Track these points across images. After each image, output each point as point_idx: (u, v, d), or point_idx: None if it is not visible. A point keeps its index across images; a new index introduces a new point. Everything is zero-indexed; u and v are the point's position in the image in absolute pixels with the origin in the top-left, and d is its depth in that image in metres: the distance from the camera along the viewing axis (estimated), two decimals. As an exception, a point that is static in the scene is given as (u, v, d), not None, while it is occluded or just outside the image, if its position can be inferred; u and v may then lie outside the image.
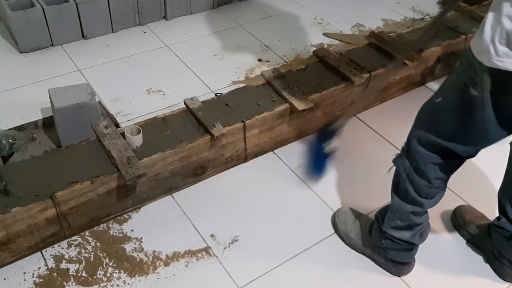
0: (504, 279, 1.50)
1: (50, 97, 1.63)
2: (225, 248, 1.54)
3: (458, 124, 1.15)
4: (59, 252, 1.48)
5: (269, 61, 2.35)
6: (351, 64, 1.99)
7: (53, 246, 1.50)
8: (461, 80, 1.09)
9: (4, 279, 1.41)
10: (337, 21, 2.70)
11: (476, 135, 1.15)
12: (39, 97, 1.96)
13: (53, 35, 2.30)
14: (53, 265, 1.45)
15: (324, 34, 2.58)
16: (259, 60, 2.36)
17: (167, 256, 1.50)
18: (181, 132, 1.63)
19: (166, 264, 1.48)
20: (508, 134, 1.16)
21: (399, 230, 1.38)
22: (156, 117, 1.69)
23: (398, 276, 1.49)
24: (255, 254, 1.52)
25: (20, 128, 1.72)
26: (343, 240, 1.57)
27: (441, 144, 1.21)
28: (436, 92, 1.23)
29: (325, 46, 2.47)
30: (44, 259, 1.46)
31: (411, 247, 1.43)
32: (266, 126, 1.77)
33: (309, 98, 1.79)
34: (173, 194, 1.69)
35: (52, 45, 2.33)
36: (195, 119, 1.68)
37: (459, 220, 1.63)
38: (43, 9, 2.21)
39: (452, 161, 1.27)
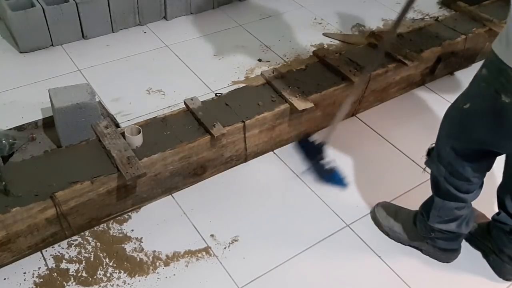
0: (503, 277, 1.50)
1: (50, 97, 1.63)
2: (225, 248, 1.54)
3: (490, 129, 1.16)
4: (59, 252, 1.49)
5: (269, 61, 2.35)
6: (351, 64, 1.99)
7: (53, 246, 1.50)
8: (492, 88, 1.09)
9: (4, 279, 1.41)
10: (337, 21, 2.70)
11: (509, 138, 1.16)
12: (39, 97, 1.96)
13: (53, 35, 2.30)
14: (53, 265, 1.45)
15: (324, 34, 2.58)
16: (259, 60, 2.36)
17: (167, 256, 1.50)
18: (181, 132, 1.63)
19: (166, 264, 1.48)
20: None
21: (445, 223, 1.42)
22: (156, 117, 1.69)
23: (447, 262, 1.53)
24: (255, 254, 1.53)
25: (20, 128, 1.72)
26: (387, 234, 1.58)
27: (476, 148, 1.24)
28: (462, 98, 1.23)
29: (325, 46, 2.47)
30: (44, 259, 1.46)
31: (458, 235, 1.46)
32: (266, 126, 1.77)
33: (309, 98, 1.79)
34: (173, 194, 1.69)
35: (52, 45, 2.33)
36: (195, 119, 1.68)
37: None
38: (43, 9, 2.21)
39: (489, 159, 1.30)
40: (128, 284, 1.42)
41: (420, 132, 2.05)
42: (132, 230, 1.56)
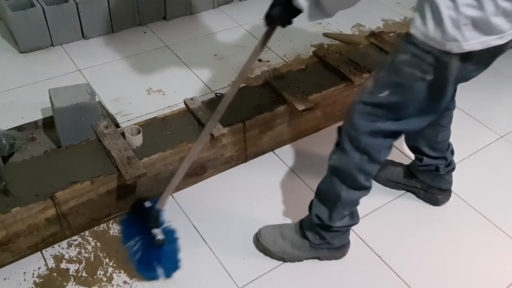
0: (438, 205, 1.70)
1: (50, 97, 1.63)
2: (225, 248, 1.53)
3: (419, 109, 1.19)
4: (59, 252, 1.49)
5: (269, 61, 2.35)
6: (351, 64, 1.99)
7: (53, 246, 1.50)
8: (416, 70, 1.11)
9: (4, 279, 1.41)
10: (337, 21, 2.70)
11: (436, 112, 1.22)
12: (39, 97, 1.96)
13: (53, 35, 2.30)
14: (53, 265, 1.45)
15: (324, 34, 2.58)
16: (259, 60, 2.36)
17: (167, 256, 1.50)
18: (181, 132, 1.63)
19: (166, 264, 1.48)
20: None
21: (343, 219, 1.41)
22: (156, 117, 1.69)
23: (342, 258, 1.53)
24: (255, 254, 1.52)
25: (20, 128, 1.72)
26: (283, 259, 1.49)
27: (396, 129, 1.26)
28: (375, 88, 1.21)
29: (325, 46, 2.47)
30: (44, 259, 1.46)
31: (350, 227, 1.48)
32: (266, 126, 1.77)
33: (309, 98, 1.79)
34: (173, 194, 1.69)
35: (52, 45, 2.33)
36: (195, 119, 1.68)
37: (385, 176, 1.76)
38: (43, 9, 2.21)
39: (399, 137, 1.33)
40: (128, 284, 1.42)
41: (420, 132, 2.05)
42: (132, 230, 1.56)
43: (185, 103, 1.73)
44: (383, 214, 1.69)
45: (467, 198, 1.76)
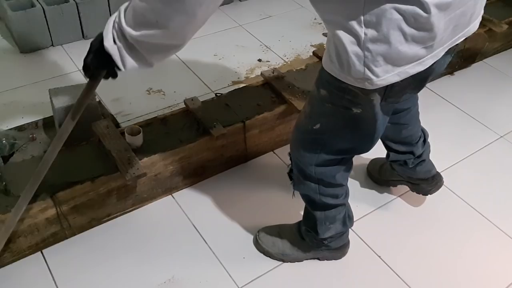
0: (427, 194, 1.67)
1: (50, 97, 1.63)
2: (225, 248, 1.54)
3: (350, 138, 1.18)
4: (59, 252, 1.48)
5: (269, 61, 2.35)
6: (351, 64, 1.99)
7: (53, 246, 1.50)
8: (339, 106, 1.09)
9: (4, 279, 1.41)
10: (337, 21, 2.70)
11: (379, 133, 1.19)
12: (39, 97, 1.96)
13: (53, 35, 2.30)
14: (54, 265, 1.45)
15: (324, 34, 2.59)
16: (259, 60, 2.36)
17: (167, 256, 1.50)
18: (181, 132, 1.63)
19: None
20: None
21: (333, 228, 1.40)
22: (156, 117, 1.69)
23: (342, 257, 1.53)
24: (255, 254, 1.53)
25: (20, 128, 1.72)
26: (282, 260, 1.50)
27: (342, 156, 1.25)
28: (307, 120, 1.20)
29: (325, 46, 2.47)
30: (44, 259, 1.46)
31: (346, 230, 1.48)
32: (266, 126, 1.77)
33: (309, 98, 1.79)
34: (173, 194, 1.69)
35: (52, 45, 2.33)
36: (195, 119, 1.68)
37: (375, 175, 1.78)
38: (43, 9, 2.21)
39: (350, 160, 1.32)
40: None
41: (420, 132, 2.05)
42: (132, 230, 1.57)
43: (185, 103, 1.73)
44: (383, 214, 1.69)
45: (467, 198, 1.76)
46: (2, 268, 1.43)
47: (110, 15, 1.03)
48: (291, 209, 1.67)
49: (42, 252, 1.48)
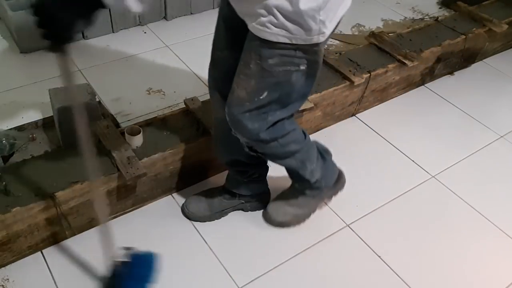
0: (267, 207, 1.62)
1: (50, 97, 1.63)
2: (225, 247, 1.54)
3: (302, 92, 1.23)
4: (59, 252, 1.48)
5: (269, 61, 2.35)
6: (351, 64, 1.99)
7: (54, 246, 1.50)
8: (289, 68, 1.13)
9: (5, 279, 1.41)
10: (337, 21, 2.70)
11: (315, 80, 1.23)
12: (39, 97, 1.96)
13: (53, 35, 2.30)
14: (54, 265, 1.45)
15: (324, 34, 2.58)
16: (259, 60, 2.35)
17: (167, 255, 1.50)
18: (181, 132, 1.63)
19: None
20: None
21: (316, 167, 1.47)
22: (156, 117, 1.69)
23: (343, 187, 1.62)
24: (255, 254, 1.53)
25: (20, 128, 1.72)
26: (299, 222, 1.59)
27: (287, 114, 1.28)
28: (250, 94, 1.19)
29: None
30: (45, 259, 1.46)
31: (329, 161, 1.55)
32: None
33: (309, 98, 1.79)
34: (173, 194, 1.69)
35: (52, 45, 2.33)
36: (195, 119, 1.68)
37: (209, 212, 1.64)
38: (43, 9, 2.20)
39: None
40: (128, 284, 1.42)
41: (420, 132, 2.05)
42: (132, 230, 1.56)
43: (185, 103, 1.73)
44: (383, 214, 1.69)
45: (467, 198, 1.76)
46: (2, 268, 1.43)
47: (110, 15, 1.02)
48: (291, 209, 1.68)
49: (42, 252, 1.48)
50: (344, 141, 1.96)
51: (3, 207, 1.33)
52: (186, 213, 1.60)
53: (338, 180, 1.59)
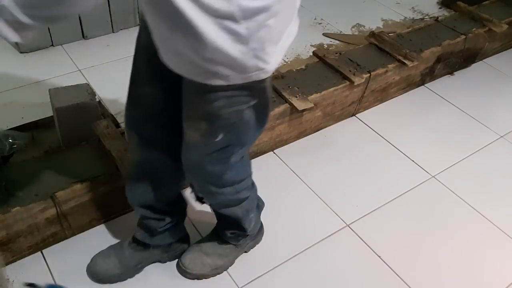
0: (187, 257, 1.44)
1: (50, 97, 1.63)
2: (225, 248, 1.54)
3: (258, 125, 1.12)
4: (59, 252, 1.48)
5: (269, 61, 2.35)
6: (351, 64, 1.99)
7: (54, 246, 1.50)
8: (238, 108, 1.02)
9: (5, 279, 1.41)
10: (337, 21, 2.70)
11: (269, 113, 1.16)
12: (39, 97, 1.96)
13: (53, 35, 2.30)
14: (54, 265, 1.45)
15: (324, 34, 2.59)
16: (259, 60, 2.35)
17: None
18: (181, 132, 1.63)
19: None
20: None
21: (253, 217, 1.38)
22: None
23: (261, 239, 1.52)
24: (255, 254, 1.52)
25: (20, 128, 1.72)
26: (218, 273, 1.44)
27: (246, 151, 1.22)
28: (205, 137, 1.07)
29: (325, 46, 2.47)
30: (45, 259, 1.46)
31: (260, 211, 1.46)
32: (266, 126, 1.76)
33: (309, 98, 1.79)
34: (173, 194, 1.69)
35: (52, 45, 2.33)
36: (195, 119, 1.68)
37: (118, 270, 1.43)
38: (43, 9, 2.20)
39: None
40: (128, 284, 1.42)
41: (420, 132, 2.05)
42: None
43: (185, 103, 1.72)
44: (383, 214, 1.69)
45: (467, 198, 1.76)
46: (2, 268, 1.43)
47: (110, 15, 1.02)
48: (291, 208, 1.68)
49: (42, 252, 1.48)
50: (344, 141, 1.97)
51: (3, 207, 1.33)
52: (92, 273, 1.39)
53: (259, 231, 1.51)
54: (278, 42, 0.92)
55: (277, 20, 0.87)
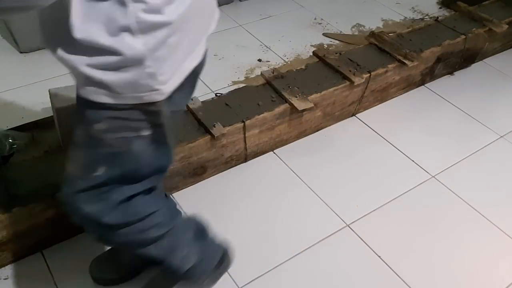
0: None
1: (50, 97, 1.63)
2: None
3: (156, 158, 0.98)
4: (59, 252, 1.48)
5: (269, 61, 2.35)
6: (351, 64, 1.99)
7: (54, 246, 1.50)
8: (125, 135, 0.89)
9: (5, 278, 1.41)
10: (337, 21, 2.70)
11: (170, 150, 1.03)
12: (39, 97, 1.96)
13: (53, 35, 2.30)
14: (54, 265, 1.45)
15: (324, 34, 2.59)
16: (259, 60, 2.36)
17: (167, 256, 1.50)
18: (181, 132, 1.63)
19: (166, 264, 1.48)
20: None
21: (187, 254, 1.18)
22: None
23: (230, 266, 1.34)
24: (255, 254, 1.53)
25: (20, 128, 1.72)
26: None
27: (142, 189, 1.03)
28: (81, 170, 0.97)
29: (325, 46, 2.47)
30: (45, 259, 1.46)
31: (207, 245, 1.27)
32: (266, 126, 1.77)
33: (309, 98, 1.79)
34: (173, 194, 1.69)
35: (52, 45, 2.33)
36: (195, 119, 1.68)
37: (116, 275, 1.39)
38: (43, 9, 2.20)
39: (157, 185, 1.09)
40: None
41: (420, 132, 2.05)
42: (132, 230, 1.56)
43: (185, 103, 1.73)
44: (383, 214, 1.69)
45: (467, 198, 1.76)
46: (2, 268, 1.43)
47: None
48: (290, 208, 1.68)
49: (42, 252, 1.48)
50: (344, 141, 1.97)
51: (3, 207, 1.33)
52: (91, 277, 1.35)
53: (221, 261, 1.29)
54: (180, 64, 0.85)
55: (180, 39, 0.81)
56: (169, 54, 0.81)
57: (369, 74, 1.95)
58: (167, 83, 0.83)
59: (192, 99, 1.73)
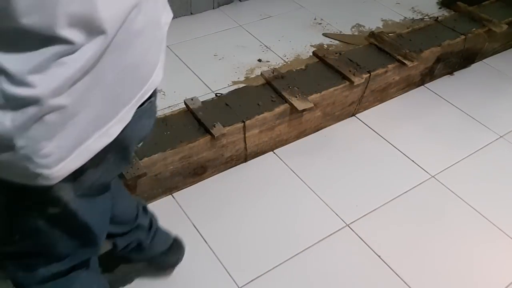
0: (175, 266, 1.43)
1: (50, 97, 1.63)
2: (225, 247, 1.54)
3: (74, 238, 0.91)
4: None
5: (269, 61, 2.35)
6: (351, 64, 1.99)
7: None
8: (28, 209, 0.81)
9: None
10: (337, 21, 2.70)
11: (103, 230, 0.97)
12: (39, 97, 1.96)
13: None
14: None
15: (324, 34, 2.59)
16: (259, 60, 2.36)
17: (167, 256, 1.50)
18: (181, 132, 1.63)
19: (166, 264, 1.48)
20: None
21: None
22: (156, 117, 1.69)
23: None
24: (255, 254, 1.53)
25: None
26: None
27: (70, 266, 0.97)
28: None
29: (325, 46, 2.48)
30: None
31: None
32: (266, 126, 1.77)
33: (309, 98, 1.79)
34: (173, 194, 1.69)
35: (52, 45, 2.33)
36: (195, 119, 1.68)
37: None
38: (43, 9, 2.20)
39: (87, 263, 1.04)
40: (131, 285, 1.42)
41: (420, 132, 2.05)
42: (132, 230, 1.56)
43: (185, 103, 1.73)
44: (383, 214, 1.69)
45: (467, 198, 1.76)
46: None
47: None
48: (290, 209, 1.68)
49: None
50: (344, 141, 1.97)
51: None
52: None
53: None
54: (78, 142, 0.71)
55: (72, 115, 0.67)
56: (54, 133, 0.66)
57: (369, 74, 1.95)
58: (55, 166, 0.69)
59: (192, 99, 1.73)
